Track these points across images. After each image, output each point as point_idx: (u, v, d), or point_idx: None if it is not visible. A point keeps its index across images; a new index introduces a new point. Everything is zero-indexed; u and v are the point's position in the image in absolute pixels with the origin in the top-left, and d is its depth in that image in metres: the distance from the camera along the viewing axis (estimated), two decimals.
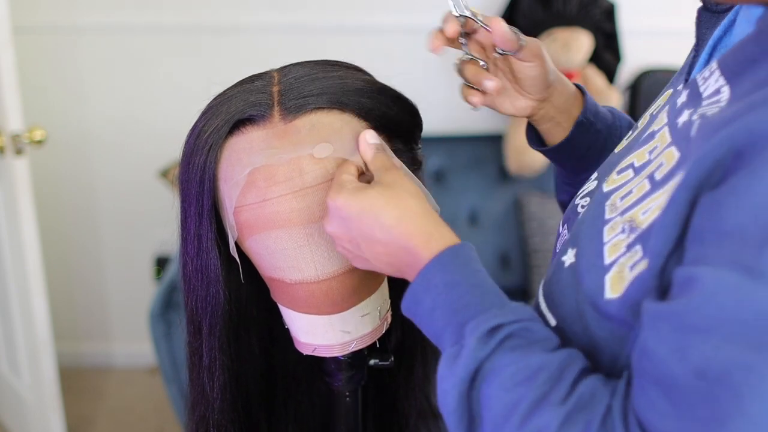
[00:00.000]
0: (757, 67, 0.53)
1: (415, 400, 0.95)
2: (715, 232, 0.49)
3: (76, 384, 2.58)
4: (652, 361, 0.51)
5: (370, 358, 0.86)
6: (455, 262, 0.63)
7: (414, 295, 0.64)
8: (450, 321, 0.61)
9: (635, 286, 0.54)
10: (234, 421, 0.84)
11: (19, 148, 1.83)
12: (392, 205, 0.65)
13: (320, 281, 0.75)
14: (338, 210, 0.67)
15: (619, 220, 0.59)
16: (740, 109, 0.50)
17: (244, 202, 0.73)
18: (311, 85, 0.75)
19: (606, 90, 2.32)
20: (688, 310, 0.48)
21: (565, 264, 0.64)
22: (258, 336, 0.88)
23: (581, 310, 0.61)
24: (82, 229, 2.61)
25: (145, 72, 2.44)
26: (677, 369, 0.49)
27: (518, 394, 0.56)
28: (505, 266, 2.38)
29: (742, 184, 0.48)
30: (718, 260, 0.48)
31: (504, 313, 0.60)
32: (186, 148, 0.76)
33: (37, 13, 2.37)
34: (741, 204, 0.47)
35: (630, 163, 0.65)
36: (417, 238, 0.64)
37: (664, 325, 0.50)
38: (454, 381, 0.58)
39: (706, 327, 0.48)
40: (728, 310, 0.47)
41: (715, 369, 0.47)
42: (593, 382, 0.56)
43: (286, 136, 0.72)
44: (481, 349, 0.58)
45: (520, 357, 0.57)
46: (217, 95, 0.78)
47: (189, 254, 0.77)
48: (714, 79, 0.58)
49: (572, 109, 0.84)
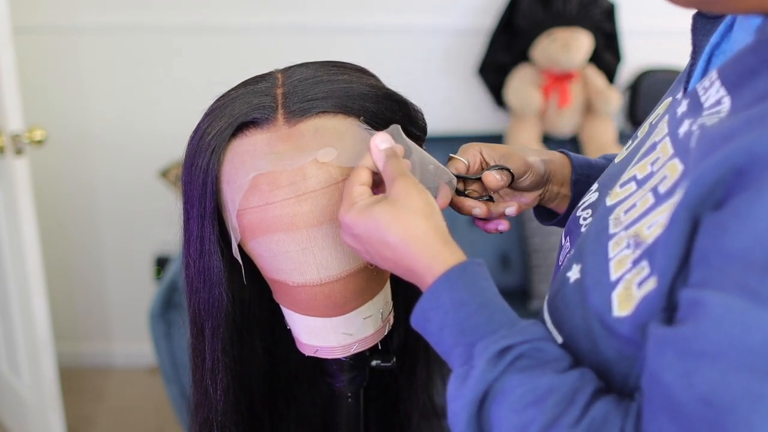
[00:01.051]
0: (756, 79, 0.53)
1: (418, 401, 0.95)
2: (719, 254, 0.49)
3: (76, 384, 2.58)
4: (659, 386, 0.50)
5: (372, 359, 0.86)
6: (463, 281, 0.62)
7: (423, 313, 0.64)
8: (459, 341, 0.61)
9: (644, 305, 0.54)
10: (237, 422, 0.84)
11: (19, 148, 1.83)
12: (396, 225, 0.64)
13: (323, 284, 0.75)
14: (348, 227, 0.67)
15: (624, 235, 0.58)
16: (739, 123, 0.50)
17: (247, 205, 0.73)
18: (316, 88, 0.74)
19: (606, 90, 2.32)
20: (694, 336, 0.48)
21: (570, 280, 0.64)
22: (260, 337, 0.88)
23: (589, 327, 0.60)
24: (82, 229, 2.61)
25: (145, 72, 2.44)
26: (683, 396, 0.48)
27: (528, 416, 0.55)
28: (505, 266, 2.38)
29: (745, 207, 0.48)
30: (723, 284, 0.48)
31: (513, 333, 0.59)
32: (189, 150, 0.76)
33: (38, 13, 2.36)
34: (744, 227, 0.47)
35: (632, 176, 0.64)
36: (420, 260, 0.64)
37: (669, 350, 0.50)
38: (464, 402, 0.58)
39: (713, 353, 0.47)
40: (734, 336, 0.47)
41: (722, 397, 0.47)
42: (606, 405, 0.55)
43: (290, 140, 0.72)
44: (490, 371, 0.58)
45: (529, 378, 0.57)
46: (221, 96, 0.78)
47: (192, 256, 0.77)
48: (715, 90, 0.57)
49: (568, 176, 0.84)
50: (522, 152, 0.81)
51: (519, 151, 0.81)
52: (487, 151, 0.81)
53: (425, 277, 0.64)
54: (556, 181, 0.84)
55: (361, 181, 0.69)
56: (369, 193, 0.68)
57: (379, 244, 0.65)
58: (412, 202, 0.65)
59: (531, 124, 2.36)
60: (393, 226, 0.64)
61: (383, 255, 0.66)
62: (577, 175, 0.84)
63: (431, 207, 0.66)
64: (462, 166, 0.81)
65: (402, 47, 2.42)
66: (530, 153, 0.82)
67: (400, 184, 0.66)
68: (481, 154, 0.81)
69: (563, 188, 0.85)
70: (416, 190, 0.66)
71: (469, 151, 0.82)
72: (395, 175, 0.67)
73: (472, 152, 0.81)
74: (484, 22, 2.39)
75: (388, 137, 0.70)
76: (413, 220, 0.64)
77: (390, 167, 0.68)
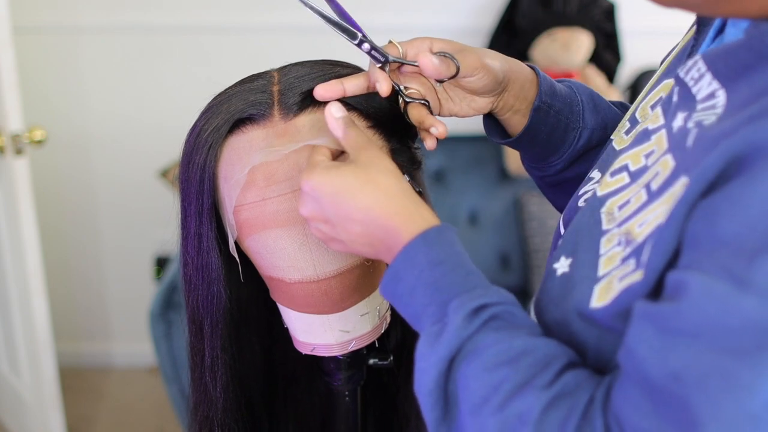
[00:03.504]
0: (752, 73, 0.53)
1: (416, 401, 0.95)
2: (709, 238, 0.49)
3: (76, 384, 2.58)
4: (634, 359, 0.50)
5: (369, 357, 0.85)
6: (440, 241, 0.61)
7: (395, 273, 0.62)
8: (433, 299, 0.60)
9: (626, 294, 0.54)
10: (238, 420, 0.84)
11: (19, 148, 1.83)
12: (370, 186, 0.63)
13: (319, 281, 0.75)
14: (312, 190, 0.65)
15: (616, 232, 0.58)
16: (740, 121, 0.50)
17: (243, 201, 0.73)
18: (311, 84, 0.74)
19: (606, 90, 2.32)
20: (674, 314, 0.48)
21: (557, 272, 0.63)
22: (258, 336, 0.88)
23: (567, 320, 0.60)
24: (82, 229, 2.61)
25: (145, 72, 2.44)
26: (655, 370, 0.49)
27: (501, 375, 0.55)
28: (505, 266, 2.38)
29: (738, 193, 0.48)
30: (709, 267, 0.48)
31: (489, 293, 0.59)
32: (186, 147, 0.76)
33: (38, 13, 2.37)
34: (736, 212, 0.47)
35: (624, 164, 0.63)
36: (398, 217, 0.62)
37: (648, 325, 0.50)
38: (435, 359, 0.57)
39: (690, 333, 0.48)
40: (713, 318, 0.47)
41: (692, 373, 0.47)
42: (579, 374, 0.55)
43: (286, 135, 0.73)
44: (465, 328, 0.57)
45: (504, 338, 0.56)
46: (218, 94, 0.78)
47: (189, 253, 0.77)
48: (706, 82, 0.57)
49: (529, 93, 0.79)
50: (481, 52, 0.74)
51: (478, 51, 0.74)
52: (440, 45, 0.74)
53: (401, 235, 0.62)
54: (513, 92, 0.77)
55: (322, 153, 0.68)
56: (330, 158, 0.68)
57: (347, 207, 0.63)
58: (384, 164, 0.64)
59: None
60: (366, 188, 0.63)
61: (350, 218, 0.63)
62: (540, 102, 0.78)
63: (399, 172, 0.65)
64: (396, 51, 0.73)
65: None
66: (491, 56, 0.75)
67: (370, 151, 0.65)
68: (431, 48, 0.74)
69: (519, 102, 0.78)
70: (382, 156, 0.65)
71: (415, 42, 0.74)
72: (361, 143, 0.66)
73: (417, 43, 0.74)
74: (484, 22, 2.39)
75: (341, 106, 0.69)
76: (387, 179, 0.63)
77: (352, 135, 0.67)
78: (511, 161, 2.34)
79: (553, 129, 0.80)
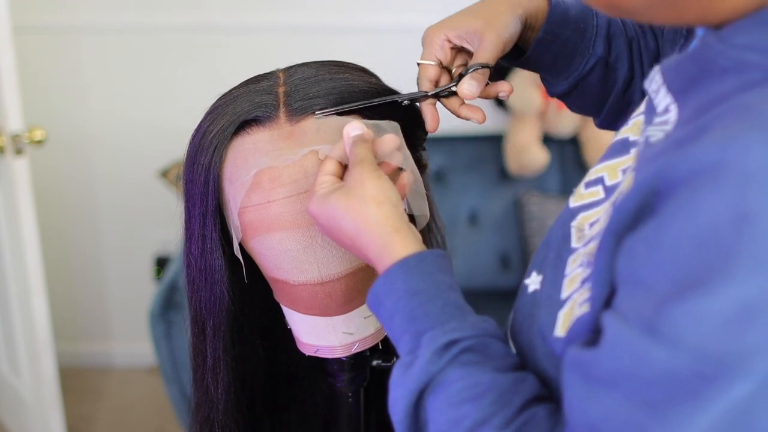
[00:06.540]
0: (697, 88, 0.51)
1: None
2: (629, 277, 0.48)
3: (76, 384, 2.58)
4: (566, 405, 0.51)
5: (373, 359, 0.85)
6: (419, 270, 0.61)
7: (376, 296, 0.63)
8: (408, 328, 0.60)
9: (576, 327, 0.54)
10: (238, 421, 0.84)
11: (19, 148, 1.83)
12: (351, 214, 0.64)
13: (323, 283, 0.75)
14: (313, 217, 0.68)
15: (582, 252, 0.57)
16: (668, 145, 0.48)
17: (248, 203, 0.73)
18: (317, 87, 0.74)
19: None
20: (594, 362, 0.48)
21: (529, 289, 0.63)
22: (261, 337, 0.88)
23: (533, 344, 0.60)
24: (82, 229, 2.61)
25: (146, 72, 2.44)
26: (576, 419, 0.49)
27: (463, 411, 0.55)
28: (505, 266, 2.38)
29: (653, 233, 0.46)
30: (627, 310, 0.47)
31: (463, 327, 0.59)
32: (191, 148, 0.76)
33: (38, 13, 2.37)
34: (649, 255, 0.46)
35: (600, 177, 0.61)
36: (372, 251, 0.64)
37: (575, 372, 0.50)
38: (404, 391, 0.58)
39: (607, 382, 0.47)
40: (627, 367, 0.46)
41: (608, 427, 0.46)
42: (540, 411, 0.55)
43: (291, 138, 0.72)
44: (434, 363, 0.57)
45: (470, 373, 0.56)
46: (223, 95, 0.78)
47: (193, 255, 0.77)
48: (662, 95, 0.55)
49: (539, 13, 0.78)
50: (495, 30, 0.73)
51: (492, 32, 0.73)
52: (453, 34, 0.75)
53: (377, 266, 0.64)
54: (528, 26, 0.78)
55: (326, 171, 0.69)
56: (332, 181, 0.68)
57: (338, 233, 0.66)
58: (365, 189, 0.64)
59: (531, 124, 2.36)
60: (348, 216, 0.64)
61: (345, 243, 0.67)
62: (545, 33, 0.77)
63: (384, 193, 0.64)
64: (433, 71, 0.75)
65: (402, 47, 2.42)
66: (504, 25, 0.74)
67: (355, 171, 0.66)
68: (448, 41, 0.75)
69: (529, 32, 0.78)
70: (370, 177, 0.65)
71: (434, 44, 0.75)
72: (354, 161, 0.67)
73: (437, 44, 0.75)
74: None
75: (360, 125, 0.69)
76: (364, 209, 0.64)
77: (353, 153, 0.68)
78: (511, 161, 2.34)
79: (557, 55, 0.80)
